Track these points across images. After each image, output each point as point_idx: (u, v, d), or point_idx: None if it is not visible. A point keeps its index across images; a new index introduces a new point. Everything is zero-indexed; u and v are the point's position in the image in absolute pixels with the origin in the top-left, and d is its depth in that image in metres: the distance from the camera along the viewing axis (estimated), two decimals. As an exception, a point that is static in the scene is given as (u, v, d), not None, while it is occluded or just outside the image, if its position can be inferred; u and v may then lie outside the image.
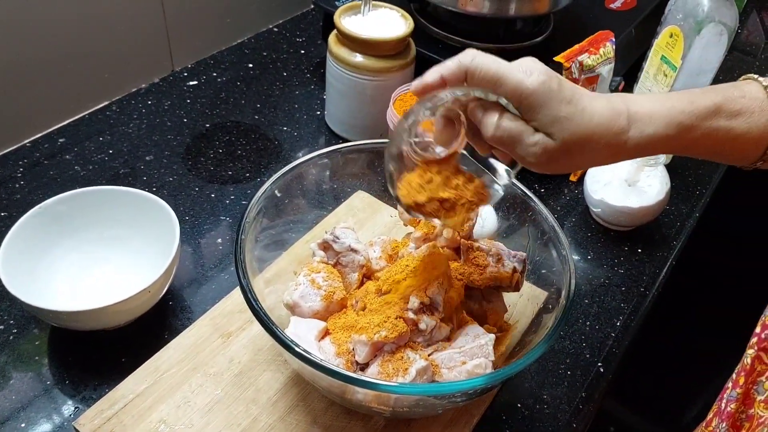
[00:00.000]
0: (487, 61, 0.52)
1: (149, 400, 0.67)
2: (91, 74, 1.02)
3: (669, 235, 0.97)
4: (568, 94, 0.52)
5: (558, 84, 0.52)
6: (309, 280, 0.68)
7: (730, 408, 0.68)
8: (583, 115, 0.52)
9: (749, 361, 0.67)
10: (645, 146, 0.54)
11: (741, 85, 0.57)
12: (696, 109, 0.54)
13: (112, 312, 0.68)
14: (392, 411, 0.63)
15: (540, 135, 0.52)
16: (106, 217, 0.79)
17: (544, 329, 0.63)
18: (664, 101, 0.54)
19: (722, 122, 0.54)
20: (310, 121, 1.10)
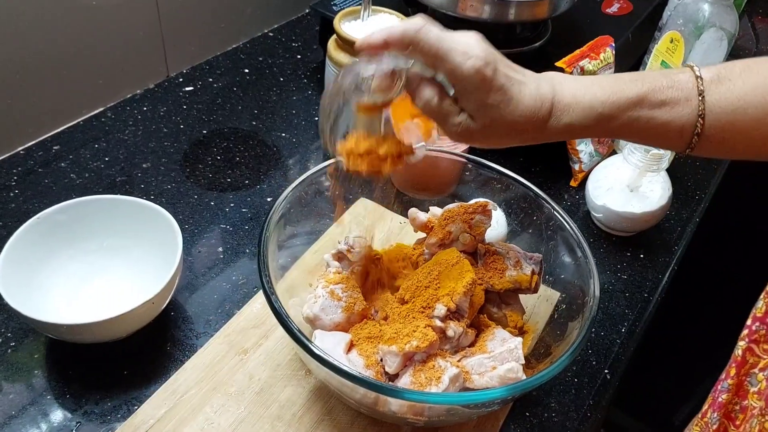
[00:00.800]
0: (430, 37, 0.53)
1: (171, 424, 0.66)
2: (85, 80, 1.01)
3: (670, 240, 0.97)
4: (500, 82, 0.53)
5: (493, 71, 0.52)
6: (328, 292, 0.67)
7: (722, 398, 0.69)
8: (509, 104, 0.53)
9: (740, 353, 0.68)
10: (563, 133, 0.56)
11: (673, 74, 0.57)
12: (618, 99, 0.55)
13: (114, 324, 0.66)
14: (426, 421, 0.62)
15: (464, 116, 0.55)
16: (106, 226, 0.77)
17: (573, 329, 0.63)
18: (588, 87, 0.55)
19: (643, 112, 0.55)
20: (308, 126, 1.09)
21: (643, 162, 0.88)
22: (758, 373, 0.66)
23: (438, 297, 0.63)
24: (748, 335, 0.68)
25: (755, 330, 0.66)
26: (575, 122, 0.55)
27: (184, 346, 0.75)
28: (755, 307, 0.69)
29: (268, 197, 0.95)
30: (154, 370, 0.72)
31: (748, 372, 0.69)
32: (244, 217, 0.91)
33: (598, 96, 0.55)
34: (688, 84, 0.56)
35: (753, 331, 0.68)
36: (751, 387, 0.68)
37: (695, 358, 1.64)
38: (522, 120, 0.54)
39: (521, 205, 0.84)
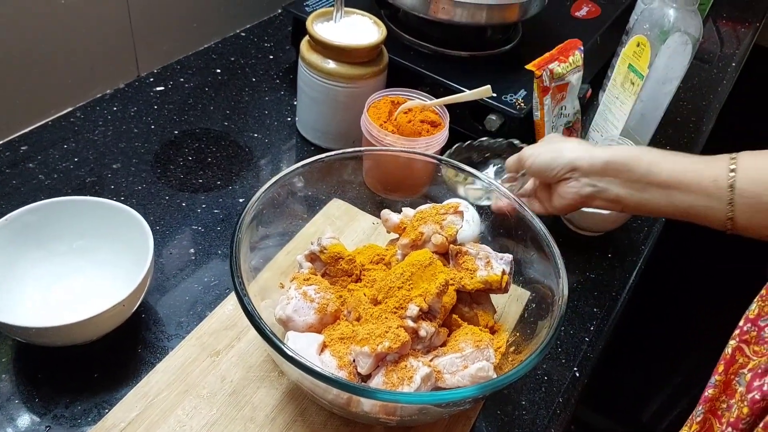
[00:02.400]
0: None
1: (142, 427, 0.65)
2: (54, 79, 0.99)
3: (637, 239, 0.99)
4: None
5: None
6: (301, 294, 0.68)
7: (709, 393, 0.70)
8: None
9: (730, 351, 0.70)
10: (592, 161, 0.71)
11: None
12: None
13: (84, 327, 0.66)
14: (399, 420, 0.63)
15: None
16: (76, 228, 0.76)
17: (542, 328, 0.64)
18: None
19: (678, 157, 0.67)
20: (281, 127, 1.09)
21: (611, 163, 0.90)
22: (747, 374, 0.68)
23: (411, 297, 0.64)
24: (739, 335, 0.70)
25: (747, 331, 0.68)
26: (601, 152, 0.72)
27: (156, 349, 0.74)
28: (749, 309, 0.71)
29: (240, 198, 0.95)
30: (125, 373, 0.71)
31: (737, 371, 0.71)
32: (216, 219, 0.91)
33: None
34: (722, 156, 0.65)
35: (744, 332, 0.69)
36: (739, 386, 0.70)
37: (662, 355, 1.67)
38: None
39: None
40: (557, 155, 0.73)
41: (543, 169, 0.75)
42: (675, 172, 0.66)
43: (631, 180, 0.69)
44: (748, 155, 0.64)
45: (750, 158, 0.63)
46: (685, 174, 0.65)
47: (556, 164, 0.73)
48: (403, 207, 0.80)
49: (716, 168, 0.64)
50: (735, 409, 0.65)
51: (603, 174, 0.71)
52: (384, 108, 0.94)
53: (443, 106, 0.94)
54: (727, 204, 0.63)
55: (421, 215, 0.75)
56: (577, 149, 0.73)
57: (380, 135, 0.90)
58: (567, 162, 0.72)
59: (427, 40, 1.09)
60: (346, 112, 0.99)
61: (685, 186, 0.66)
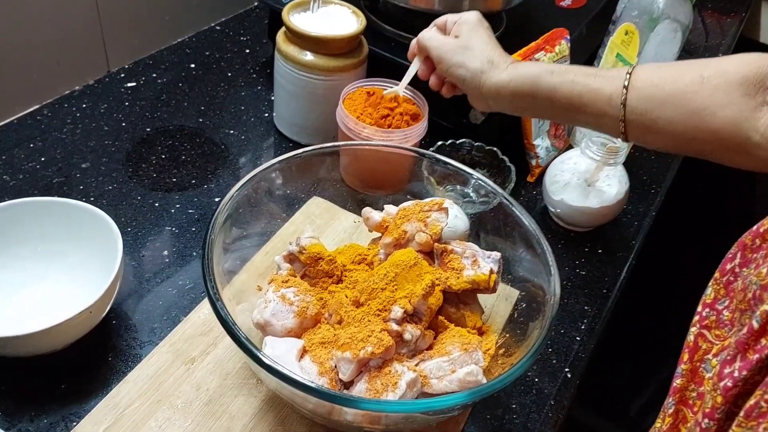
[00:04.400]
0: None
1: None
2: (19, 76, 0.95)
3: (628, 235, 0.97)
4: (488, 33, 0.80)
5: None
6: (279, 297, 0.64)
7: (677, 383, 0.69)
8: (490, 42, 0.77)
9: (692, 339, 0.69)
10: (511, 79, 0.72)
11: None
12: (555, 66, 0.70)
13: (49, 336, 0.62)
14: (383, 429, 0.60)
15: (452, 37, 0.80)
16: (40, 230, 0.72)
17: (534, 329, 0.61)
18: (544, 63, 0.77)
19: (579, 77, 0.67)
20: (257, 123, 1.05)
21: (600, 155, 0.87)
22: (712, 359, 0.67)
23: (395, 299, 0.61)
24: (699, 321, 0.69)
25: (705, 316, 0.67)
26: (507, 80, 0.72)
27: (127, 357, 0.70)
28: (705, 294, 0.69)
29: (216, 197, 0.91)
30: (94, 383, 0.67)
31: (702, 358, 0.69)
32: (190, 219, 0.87)
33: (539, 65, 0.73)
34: (620, 71, 0.66)
35: (704, 317, 0.68)
36: (706, 373, 0.68)
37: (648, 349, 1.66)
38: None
39: (479, 201, 0.83)
40: (467, 74, 0.75)
41: (454, 80, 0.77)
42: (573, 96, 0.68)
43: (536, 105, 0.72)
44: (644, 70, 0.65)
45: (643, 72, 0.65)
46: (582, 97, 0.67)
47: (466, 84, 0.75)
48: (385, 204, 0.77)
49: (612, 86, 0.66)
50: (709, 399, 0.64)
51: (510, 101, 0.73)
52: (360, 99, 0.90)
53: (422, 97, 0.91)
54: (620, 121, 0.65)
55: (404, 213, 0.72)
56: (483, 70, 0.73)
57: (357, 128, 0.86)
58: (475, 86, 0.74)
59: (408, 31, 1.05)
60: (325, 106, 0.95)
61: (583, 108, 0.67)
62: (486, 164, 0.97)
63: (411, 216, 0.70)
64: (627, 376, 1.72)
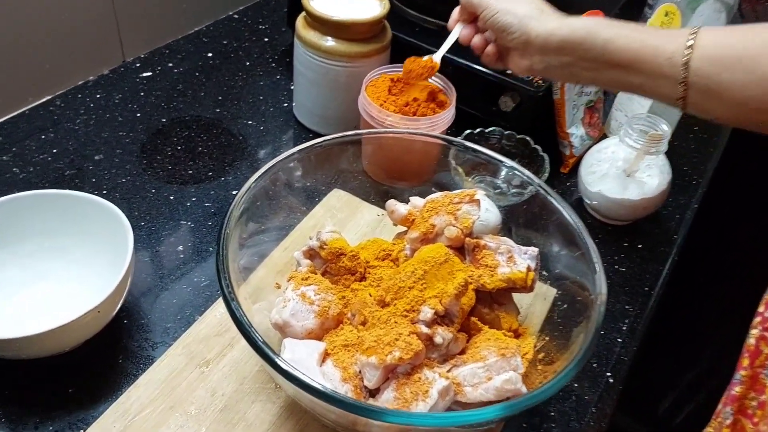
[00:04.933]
0: None
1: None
2: (31, 65, 0.91)
3: (669, 228, 0.91)
4: None
5: None
6: (299, 295, 0.60)
7: (735, 391, 0.63)
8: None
9: (753, 342, 0.63)
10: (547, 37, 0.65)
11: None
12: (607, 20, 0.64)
13: (55, 337, 0.58)
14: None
15: None
16: (46, 225, 0.68)
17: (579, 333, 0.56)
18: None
19: (636, 33, 0.61)
20: (276, 113, 1.01)
21: (641, 143, 0.81)
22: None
23: (424, 299, 0.56)
24: (762, 323, 0.62)
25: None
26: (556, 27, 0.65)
27: (139, 359, 0.66)
28: (767, 293, 0.63)
29: (233, 190, 0.87)
30: (104, 388, 0.63)
31: (763, 363, 0.64)
32: (207, 213, 0.83)
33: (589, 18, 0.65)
34: (683, 30, 0.59)
35: (766, 318, 0.62)
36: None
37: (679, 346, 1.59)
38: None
39: (511, 192, 0.78)
40: (514, 20, 0.68)
41: (498, 29, 0.70)
42: (630, 51, 0.61)
43: (586, 59, 0.64)
44: (709, 31, 0.58)
45: (710, 32, 0.58)
46: (639, 54, 0.61)
47: (512, 31, 0.69)
48: (410, 197, 0.72)
49: (673, 44, 0.59)
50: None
51: (558, 53, 0.66)
52: (383, 86, 0.85)
53: (449, 83, 0.86)
54: (680, 84, 0.58)
55: (432, 205, 0.67)
56: (532, 15, 0.68)
57: (381, 116, 0.81)
58: (522, 33, 0.68)
59: (433, 15, 1.00)
60: (346, 94, 0.91)
61: (639, 65, 0.61)
62: (517, 154, 0.91)
63: (440, 208, 0.65)
64: (656, 374, 1.66)
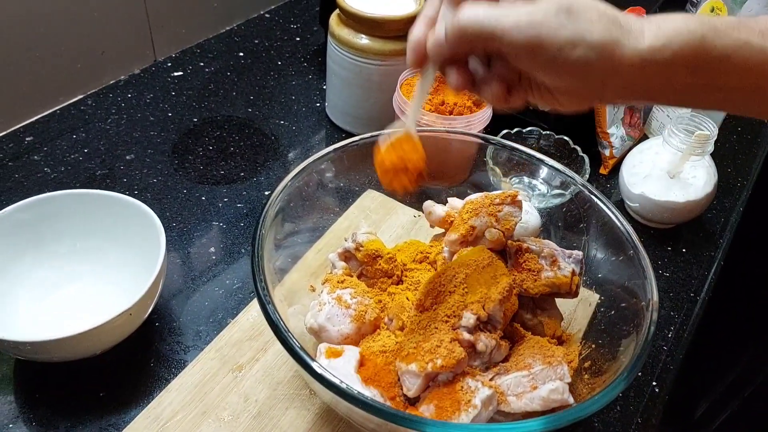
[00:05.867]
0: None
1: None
2: (63, 64, 0.91)
3: (714, 231, 0.87)
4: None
5: None
6: (335, 299, 0.58)
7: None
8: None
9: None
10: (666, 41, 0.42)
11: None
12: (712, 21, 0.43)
13: (87, 340, 0.57)
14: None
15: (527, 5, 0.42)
16: (79, 225, 0.68)
17: (630, 343, 0.53)
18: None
19: (753, 37, 0.42)
20: (309, 113, 0.99)
21: (686, 145, 0.78)
22: None
23: (466, 304, 0.54)
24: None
25: None
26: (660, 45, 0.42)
27: (171, 363, 0.65)
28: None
29: (265, 190, 0.85)
30: (135, 392, 0.62)
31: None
32: (239, 213, 0.82)
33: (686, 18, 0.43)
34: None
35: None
36: None
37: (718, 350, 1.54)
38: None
39: (551, 194, 0.75)
40: (582, 36, 0.42)
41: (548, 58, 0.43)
42: (753, 67, 0.43)
43: (687, 86, 0.44)
44: None
45: None
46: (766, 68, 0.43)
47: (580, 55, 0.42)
48: (448, 198, 0.70)
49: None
50: None
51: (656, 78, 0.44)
52: None
53: None
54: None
55: (472, 206, 0.64)
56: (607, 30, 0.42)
57: (417, 116, 0.79)
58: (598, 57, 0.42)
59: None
60: (380, 93, 0.89)
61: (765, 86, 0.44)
62: (555, 155, 0.89)
63: (480, 210, 0.63)
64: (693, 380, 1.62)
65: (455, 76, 0.47)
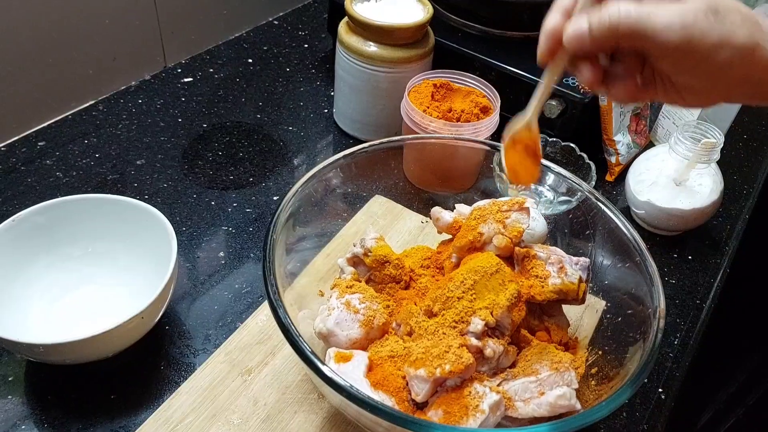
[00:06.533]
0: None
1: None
2: (75, 70, 0.92)
3: (720, 239, 0.88)
4: None
5: None
6: (343, 303, 0.58)
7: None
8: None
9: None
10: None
11: None
12: None
13: (99, 343, 0.58)
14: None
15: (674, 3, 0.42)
16: (91, 229, 0.68)
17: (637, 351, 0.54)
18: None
19: None
20: (317, 119, 1.00)
21: (692, 152, 0.79)
22: None
23: (474, 310, 0.54)
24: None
25: None
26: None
27: (180, 366, 0.66)
28: None
29: (274, 196, 0.86)
30: (146, 395, 0.63)
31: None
32: (248, 218, 0.83)
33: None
34: None
35: None
36: None
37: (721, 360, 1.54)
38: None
39: (558, 201, 0.76)
40: (729, 38, 0.42)
41: (698, 59, 0.43)
42: None
43: None
44: None
45: None
46: None
47: (725, 57, 0.42)
48: (456, 204, 0.70)
49: None
50: None
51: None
52: (426, 92, 0.84)
53: (493, 89, 0.84)
54: None
55: (480, 213, 0.65)
56: (750, 32, 0.42)
57: (424, 122, 0.80)
58: (741, 59, 0.43)
59: (476, 21, 0.99)
60: (388, 100, 0.90)
61: None
62: (562, 161, 0.89)
63: (487, 216, 0.63)
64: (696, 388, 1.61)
65: (589, 72, 0.47)
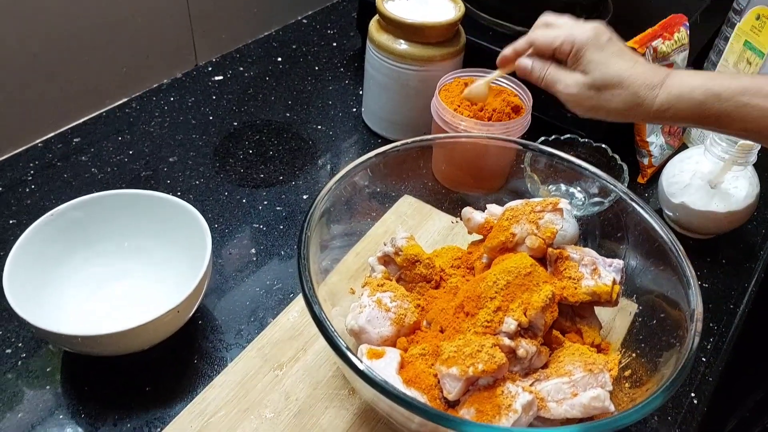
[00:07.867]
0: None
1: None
2: (109, 68, 0.93)
3: (754, 243, 0.86)
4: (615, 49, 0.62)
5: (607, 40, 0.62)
6: (375, 302, 0.59)
7: None
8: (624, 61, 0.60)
9: None
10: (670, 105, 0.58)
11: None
12: (728, 81, 0.56)
13: (135, 335, 0.58)
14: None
15: (577, 74, 0.62)
16: (127, 225, 0.69)
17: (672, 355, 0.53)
18: (705, 74, 0.59)
19: (757, 100, 0.55)
20: (345, 118, 1.01)
21: (728, 154, 0.78)
22: None
23: (506, 310, 0.54)
24: None
25: None
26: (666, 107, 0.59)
27: (213, 360, 0.67)
28: None
29: (303, 194, 0.86)
30: (180, 387, 0.64)
31: None
32: (278, 216, 0.83)
33: (714, 78, 0.57)
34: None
35: None
36: None
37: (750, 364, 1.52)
38: (634, 77, 0.60)
39: (590, 202, 0.75)
40: (608, 108, 0.61)
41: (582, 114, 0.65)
42: (751, 123, 0.56)
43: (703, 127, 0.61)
44: None
45: None
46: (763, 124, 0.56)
47: (604, 117, 0.63)
48: (487, 204, 0.70)
49: None
50: None
51: (671, 122, 0.69)
52: (456, 90, 0.84)
53: (525, 89, 0.84)
54: None
55: (512, 213, 0.65)
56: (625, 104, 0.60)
57: (454, 121, 0.80)
58: (624, 117, 0.62)
59: (507, 19, 0.99)
60: (417, 99, 0.90)
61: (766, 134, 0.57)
62: (593, 163, 0.88)
63: (520, 217, 0.63)
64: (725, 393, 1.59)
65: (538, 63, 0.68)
